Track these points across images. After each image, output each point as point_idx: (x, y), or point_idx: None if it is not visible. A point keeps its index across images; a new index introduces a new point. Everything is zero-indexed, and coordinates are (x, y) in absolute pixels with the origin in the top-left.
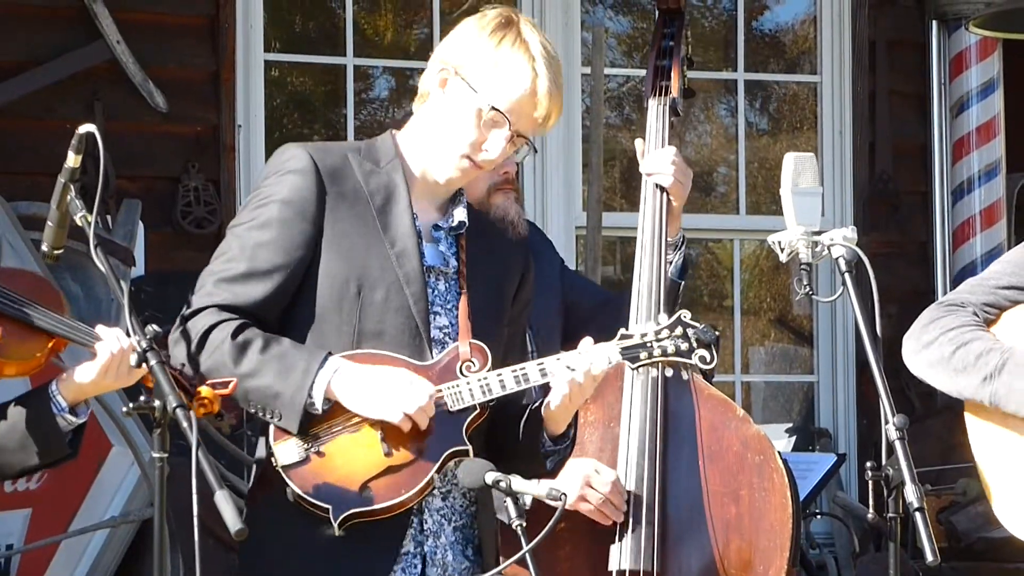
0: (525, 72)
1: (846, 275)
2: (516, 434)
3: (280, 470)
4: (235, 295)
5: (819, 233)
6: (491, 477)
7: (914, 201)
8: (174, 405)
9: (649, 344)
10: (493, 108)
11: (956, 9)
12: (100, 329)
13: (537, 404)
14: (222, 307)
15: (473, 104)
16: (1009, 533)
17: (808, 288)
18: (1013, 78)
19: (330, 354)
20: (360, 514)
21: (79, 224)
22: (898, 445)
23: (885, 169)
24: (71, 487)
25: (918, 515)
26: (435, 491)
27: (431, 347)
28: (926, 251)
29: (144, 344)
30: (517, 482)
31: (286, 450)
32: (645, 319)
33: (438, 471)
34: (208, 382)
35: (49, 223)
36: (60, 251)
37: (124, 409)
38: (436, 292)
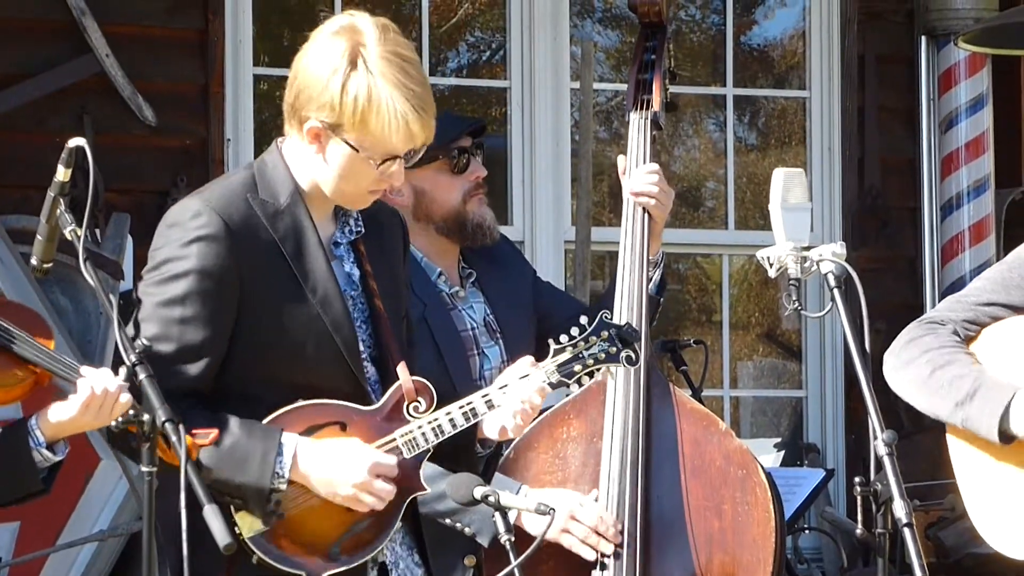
0: (395, 121)
1: (835, 290)
2: (452, 442)
3: (246, 540)
4: (172, 379)
5: (808, 248)
6: (480, 492)
7: (903, 216)
8: (163, 419)
9: (580, 355)
10: (378, 160)
11: (945, 25)
12: (86, 369)
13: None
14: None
15: (356, 159)
16: (998, 550)
17: (797, 303)
18: (1002, 94)
19: (282, 431)
20: (333, 574)
21: (68, 238)
22: (887, 460)
23: (874, 184)
24: (59, 500)
25: (906, 530)
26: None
27: (365, 382)
28: (915, 266)
29: (133, 358)
30: (506, 497)
31: (248, 519)
32: None
33: (401, 519)
34: (190, 431)
35: (39, 237)
36: (49, 265)
37: (113, 423)
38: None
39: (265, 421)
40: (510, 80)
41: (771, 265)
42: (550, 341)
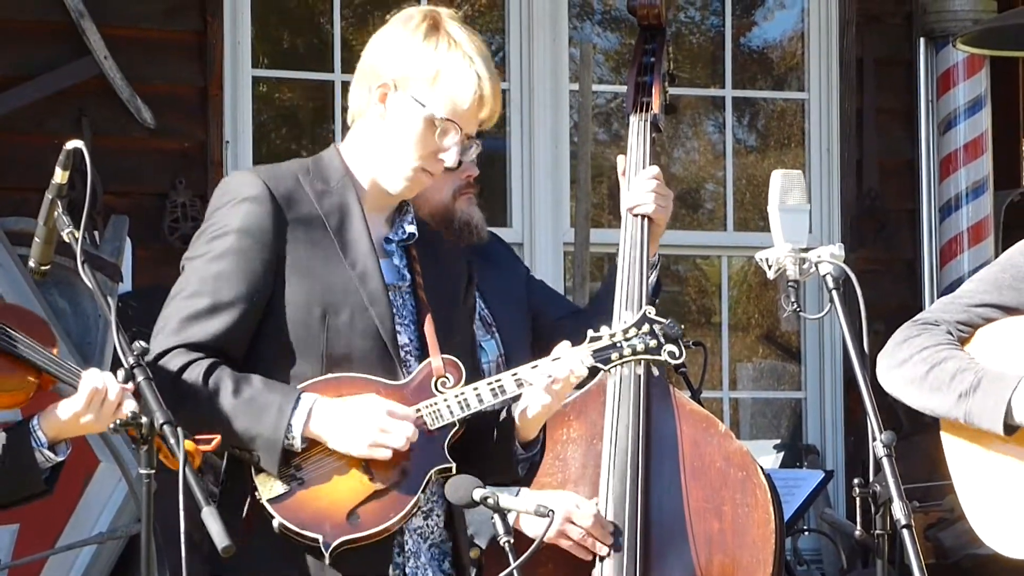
0: (469, 78)
1: (833, 292)
2: (488, 441)
3: (265, 503)
4: (201, 332)
5: (807, 250)
6: (479, 494)
7: (901, 218)
8: (161, 421)
9: (619, 344)
10: (443, 119)
11: (943, 26)
12: (88, 371)
13: (509, 411)
14: (189, 346)
15: (420, 117)
16: (995, 550)
17: (796, 305)
18: (1001, 95)
19: (302, 391)
20: (349, 541)
21: (66, 240)
22: (885, 462)
23: (873, 186)
24: (58, 503)
25: (905, 532)
26: (418, 510)
27: (400, 366)
28: (913, 268)
29: (131, 360)
30: (505, 499)
31: (269, 483)
32: None
33: (423, 491)
34: (192, 437)
35: (36, 239)
36: (47, 267)
37: (112, 425)
38: (395, 309)
39: None
40: (509, 82)
41: (770, 267)
42: (589, 331)
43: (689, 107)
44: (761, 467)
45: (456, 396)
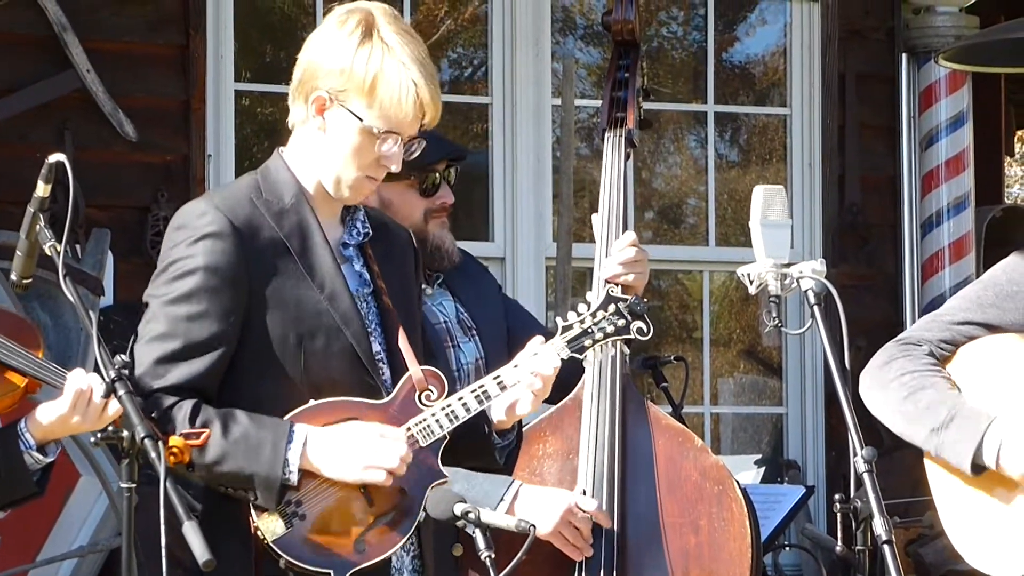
0: (405, 87)
1: (815, 307)
2: (467, 432)
3: (270, 545)
4: (177, 375)
5: (788, 265)
6: (460, 508)
7: (883, 234)
8: (142, 435)
9: (590, 329)
10: (381, 132)
11: (926, 42)
12: (73, 372)
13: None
14: (165, 389)
15: (358, 129)
16: (978, 569)
17: (777, 320)
18: (982, 111)
19: (293, 423)
20: (359, 571)
21: (48, 253)
22: (866, 478)
23: (854, 201)
24: (39, 516)
25: (886, 548)
26: None
27: (380, 382)
28: (895, 284)
29: (112, 374)
30: (486, 514)
31: (270, 523)
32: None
33: (424, 509)
34: (180, 432)
35: (18, 252)
36: (29, 280)
37: (92, 439)
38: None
39: None
40: (492, 96)
41: (751, 282)
42: (557, 319)
43: (671, 122)
44: (737, 481)
45: (443, 408)
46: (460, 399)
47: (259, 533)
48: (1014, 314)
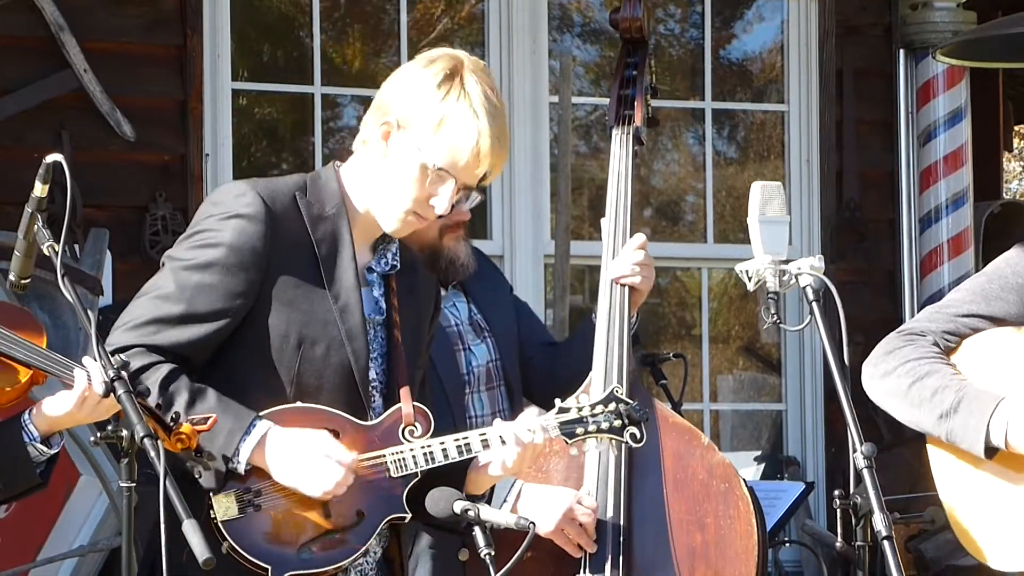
0: (470, 131)
1: (813, 304)
2: (440, 481)
3: (219, 524)
4: (166, 338)
5: (786, 262)
6: (459, 506)
7: (881, 230)
8: (141, 435)
9: (585, 419)
10: (437, 168)
11: (923, 38)
12: (84, 363)
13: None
14: (150, 347)
15: (417, 161)
16: (977, 561)
17: (776, 317)
18: (980, 107)
19: (258, 417)
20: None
21: (46, 254)
22: (866, 473)
23: (852, 198)
24: (39, 516)
25: (886, 543)
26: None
27: (368, 402)
28: (893, 280)
29: (111, 373)
30: (486, 511)
31: (225, 504)
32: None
33: (376, 536)
34: (188, 418)
35: (16, 252)
36: (27, 281)
37: (92, 438)
38: (368, 343)
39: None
40: None
41: (750, 278)
42: (556, 400)
43: (669, 119)
44: (744, 479)
45: (423, 448)
46: (442, 444)
47: (211, 511)
48: (1018, 306)
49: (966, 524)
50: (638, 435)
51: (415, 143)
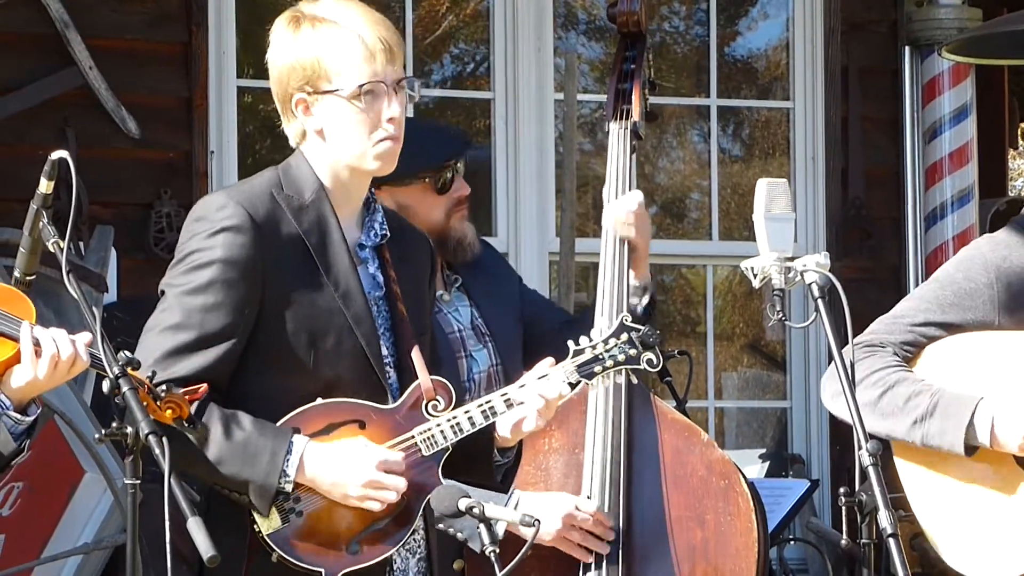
0: (347, 39)
1: (819, 301)
2: (469, 446)
3: (265, 538)
4: (187, 367)
5: (792, 259)
6: (464, 503)
7: (887, 227)
8: (146, 432)
9: (601, 356)
10: (359, 87)
11: (929, 35)
12: (35, 329)
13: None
14: (174, 382)
15: (343, 102)
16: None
17: (781, 314)
18: (986, 104)
19: (295, 431)
20: (351, 573)
21: (51, 250)
22: (871, 471)
23: (858, 195)
24: (44, 513)
25: (891, 541)
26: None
27: (387, 384)
28: (899, 277)
29: (116, 370)
30: (491, 509)
31: (268, 517)
32: None
33: (421, 516)
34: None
35: (21, 249)
36: (32, 277)
37: (97, 436)
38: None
39: (284, 419)
40: (494, 92)
41: (755, 276)
42: (569, 343)
43: (674, 116)
44: (744, 476)
45: (449, 420)
46: (467, 412)
47: (255, 526)
48: (973, 312)
49: (941, 534)
50: (655, 360)
51: (329, 90)
